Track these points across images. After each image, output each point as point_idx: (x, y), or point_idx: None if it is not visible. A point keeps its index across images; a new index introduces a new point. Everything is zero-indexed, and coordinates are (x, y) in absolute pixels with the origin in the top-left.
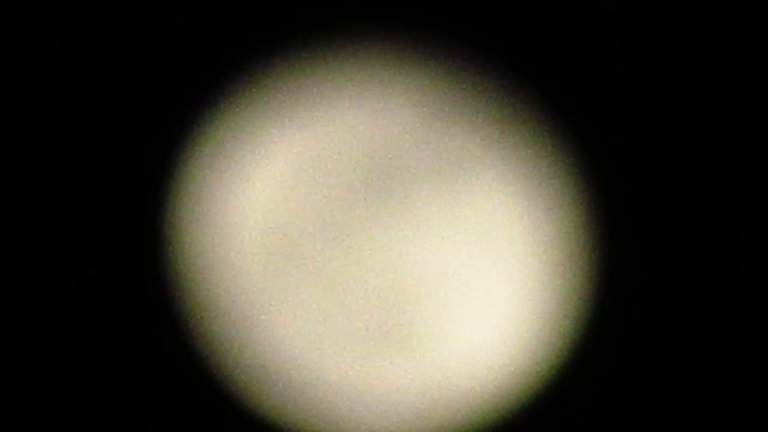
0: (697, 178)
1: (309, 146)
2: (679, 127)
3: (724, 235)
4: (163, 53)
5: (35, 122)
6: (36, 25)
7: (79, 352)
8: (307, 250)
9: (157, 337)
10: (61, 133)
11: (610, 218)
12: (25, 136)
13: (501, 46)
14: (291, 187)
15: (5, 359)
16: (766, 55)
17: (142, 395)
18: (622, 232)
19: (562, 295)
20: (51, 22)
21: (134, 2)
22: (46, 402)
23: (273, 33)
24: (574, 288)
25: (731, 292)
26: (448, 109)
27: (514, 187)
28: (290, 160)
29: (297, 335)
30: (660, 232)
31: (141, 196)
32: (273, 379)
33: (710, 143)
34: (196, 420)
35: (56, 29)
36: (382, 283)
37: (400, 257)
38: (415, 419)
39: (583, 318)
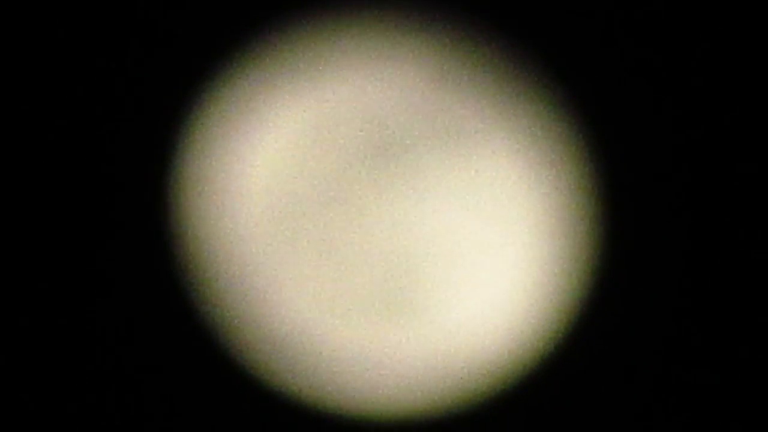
0: (703, 167)
1: (313, 114)
2: (688, 115)
3: (729, 225)
4: (165, 24)
5: (36, 107)
6: (34, 18)
7: (88, 333)
8: (312, 218)
9: (164, 311)
10: (63, 103)
11: (615, 190)
12: (26, 121)
13: (510, 13)
14: (296, 155)
15: (14, 352)
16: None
17: (152, 370)
18: (628, 205)
19: (565, 263)
20: (49, 13)
21: None
22: (59, 385)
23: (276, 3)
24: (578, 257)
25: (733, 283)
26: (455, 76)
27: (519, 156)
28: (295, 128)
29: (303, 304)
30: (664, 213)
31: (144, 170)
32: (279, 349)
33: (720, 135)
34: (204, 391)
35: (54, 16)
36: (387, 252)
37: (405, 225)
38: (421, 387)
39: (587, 286)
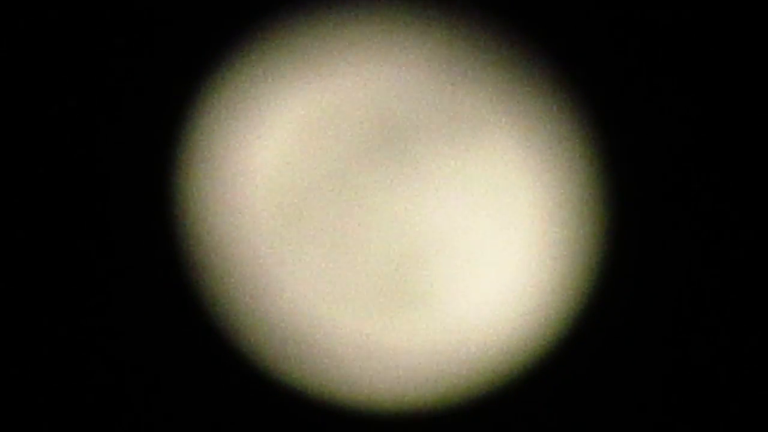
0: (708, 165)
1: (318, 104)
2: (694, 114)
3: (732, 226)
4: (168, 17)
5: (40, 103)
6: (36, 18)
7: (92, 324)
8: (316, 208)
9: (168, 301)
10: (65, 98)
11: (620, 182)
12: (30, 117)
13: (515, 6)
14: (301, 145)
15: (17, 352)
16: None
17: (157, 365)
18: (632, 200)
19: (570, 253)
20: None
21: None
22: (67, 376)
23: None
24: (583, 247)
25: (737, 283)
26: (460, 67)
27: (524, 147)
28: (299, 119)
29: (307, 293)
30: (667, 214)
31: (150, 158)
32: (283, 338)
33: (724, 135)
34: (210, 385)
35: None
36: (391, 242)
37: (409, 215)
38: (426, 379)
39: (592, 276)
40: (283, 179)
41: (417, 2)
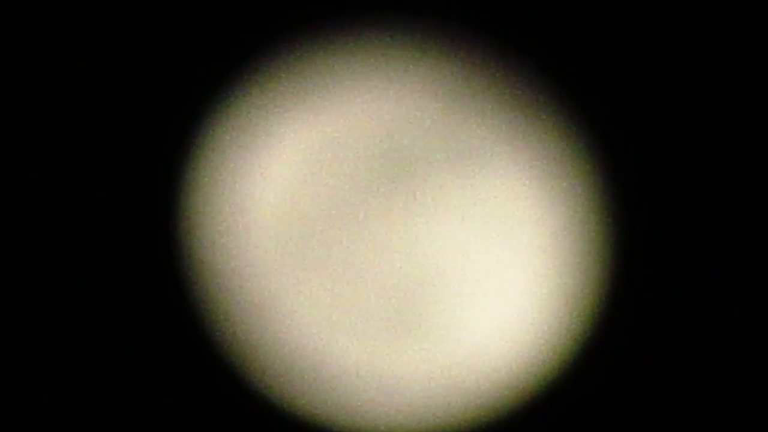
0: (710, 173)
1: (324, 134)
2: (692, 120)
3: (737, 231)
4: (175, 42)
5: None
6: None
7: (93, 343)
8: (322, 238)
9: (172, 327)
10: (75, 123)
11: (623, 211)
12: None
13: (517, 35)
14: (306, 175)
15: (20, 352)
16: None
17: (158, 385)
18: (635, 225)
19: (574, 284)
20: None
21: None
22: (63, 398)
23: (286, 20)
24: (587, 278)
25: (742, 290)
26: (464, 97)
27: (528, 177)
28: (305, 149)
29: (312, 323)
30: (673, 227)
31: (154, 187)
32: (288, 368)
33: (725, 138)
34: (212, 408)
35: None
36: (396, 272)
37: (414, 246)
38: (429, 406)
39: (595, 308)
40: (289, 206)
41: (423, 33)
